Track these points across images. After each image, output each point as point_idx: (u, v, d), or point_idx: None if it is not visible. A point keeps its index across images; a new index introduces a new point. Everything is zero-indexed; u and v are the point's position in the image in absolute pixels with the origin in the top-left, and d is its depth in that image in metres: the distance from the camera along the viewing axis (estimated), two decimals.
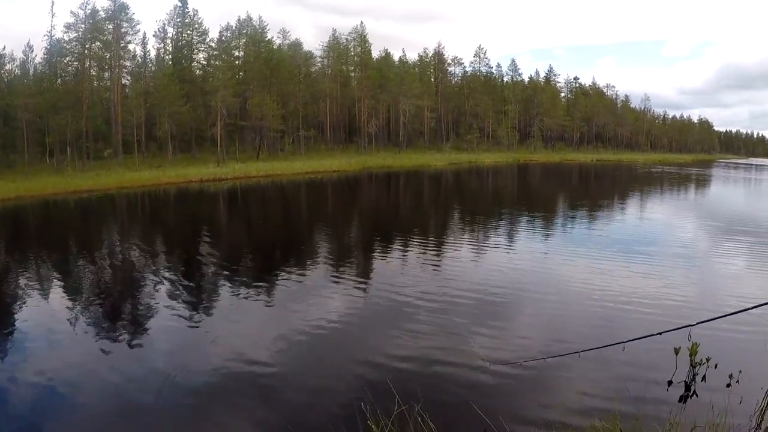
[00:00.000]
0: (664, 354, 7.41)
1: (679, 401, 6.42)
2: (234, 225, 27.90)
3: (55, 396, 7.86)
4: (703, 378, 6.55)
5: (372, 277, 15.32)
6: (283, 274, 15.47)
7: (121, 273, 16.44)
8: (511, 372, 8.39)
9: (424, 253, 18.35)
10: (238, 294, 13.29)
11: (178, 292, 13.56)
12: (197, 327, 10.80)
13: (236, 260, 18.13)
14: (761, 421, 6.18)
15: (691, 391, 6.57)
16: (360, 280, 14.68)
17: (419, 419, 5.36)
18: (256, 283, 14.28)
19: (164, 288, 14.06)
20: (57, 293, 13.81)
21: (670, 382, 6.72)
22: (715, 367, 6.65)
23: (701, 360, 6.61)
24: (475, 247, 19.83)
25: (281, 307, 12.28)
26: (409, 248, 19.26)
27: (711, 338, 8.69)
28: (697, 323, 4.23)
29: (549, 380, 8.49)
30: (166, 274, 15.76)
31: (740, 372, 6.90)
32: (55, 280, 15.49)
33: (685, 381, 6.80)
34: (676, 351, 7.24)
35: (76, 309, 12.22)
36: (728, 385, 6.75)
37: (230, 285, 14.29)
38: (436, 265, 16.58)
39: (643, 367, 8.42)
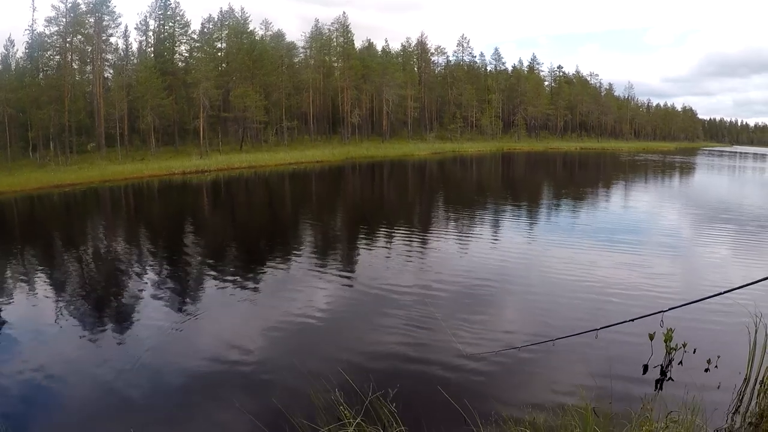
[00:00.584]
0: (640, 341, 7.84)
1: (655, 385, 6.95)
2: (216, 217, 28.07)
3: (41, 390, 7.97)
4: (680, 362, 7.05)
5: (355, 268, 15.39)
6: (267, 266, 15.61)
7: (106, 267, 16.50)
8: (486, 361, 8.50)
9: (406, 243, 18.49)
10: (223, 287, 13.39)
11: (162, 285, 13.73)
12: (182, 320, 10.94)
13: (220, 253, 18.26)
14: (739, 405, 6.69)
15: (667, 376, 7.07)
16: (343, 271, 14.82)
17: (393, 404, 5.45)
18: (240, 276, 14.38)
19: (149, 281, 14.19)
20: (41, 288, 13.83)
21: (645, 367, 7.22)
22: (693, 352, 7.17)
23: (676, 345, 7.12)
24: (457, 237, 20.00)
25: (265, 299, 12.41)
26: (391, 239, 19.35)
27: (690, 324, 9.07)
28: (670, 309, 4.28)
29: (523, 368, 8.63)
30: (151, 267, 15.96)
31: (718, 357, 7.41)
32: (39, 274, 15.46)
33: (660, 365, 7.30)
34: (651, 336, 7.80)
35: (61, 303, 12.32)
36: (706, 370, 7.22)
37: (214, 278, 14.41)
38: (418, 256, 16.72)
39: (618, 354, 8.58)
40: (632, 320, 4.99)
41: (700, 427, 5.52)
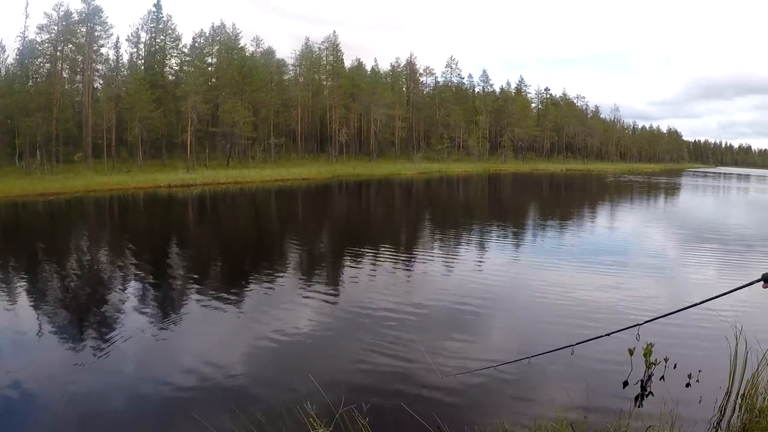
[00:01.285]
0: (619, 357, 7.84)
1: (635, 401, 6.98)
2: (199, 231, 27.95)
3: (18, 403, 7.81)
4: (662, 377, 7.08)
5: (338, 287, 15.13)
6: (250, 283, 15.41)
7: (85, 277, 16.31)
8: (461, 380, 8.36)
9: (389, 262, 18.34)
10: (203, 302, 13.20)
11: (142, 298, 13.57)
12: (163, 335, 10.81)
13: (203, 267, 18.09)
14: (721, 419, 6.72)
15: (647, 391, 7.10)
16: (326, 290, 14.62)
17: (366, 419, 5.38)
18: (223, 292, 14.11)
19: (129, 293, 14.04)
20: (20, 298, 13.60)
21: (625, 383, 7.25)
22: (674, 367, 7.21)
23: (656, 360, 7.12)
24: (440, 257, 19.72)
25: (248, 316, 12.21)
26: (375, 258, 19.17)
27: (671, 340, 9.13)
28: (645, 322, 4.25)
29: (498, 386, 8.55)
30: (131, 280, 15.78)
31: (699, 371, 7.45)
32: (18, 284, 15.22)
33: (640, 381, 7.31)
34: (631, 352, 7.80)
35: (41, 314, 12.09)
36: (687, 385, 7.26)
37: (195, 292, 14.26)
38: (400, 276, 16.55)
39: (597, 370, 8.59)
40: (608, 335, 4.93)
41: None
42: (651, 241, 24.35)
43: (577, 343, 5.05)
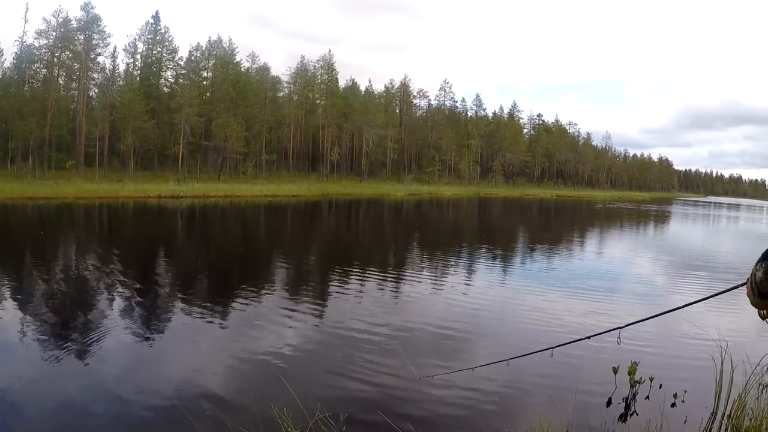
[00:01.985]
0: (600, 368, 7.93)
1: (619, 419, 6.95)
2: (187, 243, 27.76)
3: None
4: (647, 397, 7.07)
5: (321, 303, 14.87)
6: (236, 297, 14.99)
7: (70, 285, 16.07)
8: (438, 384, 8.31)
9: (374, 280, 18.14)
10: (187, 314, 12.94)
11: (126, 308, 13.27)
12: (147, 346, 10.66)
13: (189, 279, 17.83)
14: None
15: (631, 410, 7.08)
16: (308, 305, 14.29)
17: (343, 427, 5.59)
18: (208, 306, 13.80)
19: (112, 303, 13.79)
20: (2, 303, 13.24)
21: (609, 401, 7.24)
22: (660, 387, 7.22)
23: (641, 378, 7.11)
24: (426, 277, 19.52)
25: (233, 330, 11.97)
26: (362, 275, 18.89)
27: (658, 360, 9.30)
28: (627, 325, 3.96)
29: (474, 391, 8.43)
30: (116, 289, 15.37)
31: (685, 392, 7.44)
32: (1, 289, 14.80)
33: (624, 399, 7.28)
34: (615, 370, 7.75)
35: (24, 320, 11.84)
36: (673, 405, 7.26)
37: (179, 303, 14.03)
38: (386, 294, 16.44)
39: (574, 378, 8.44)
40: (589, 337, 4.90)
41: None
42: (640, 269, 24.19)
43: (557, 346, 4.91)
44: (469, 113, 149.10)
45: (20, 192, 43.28)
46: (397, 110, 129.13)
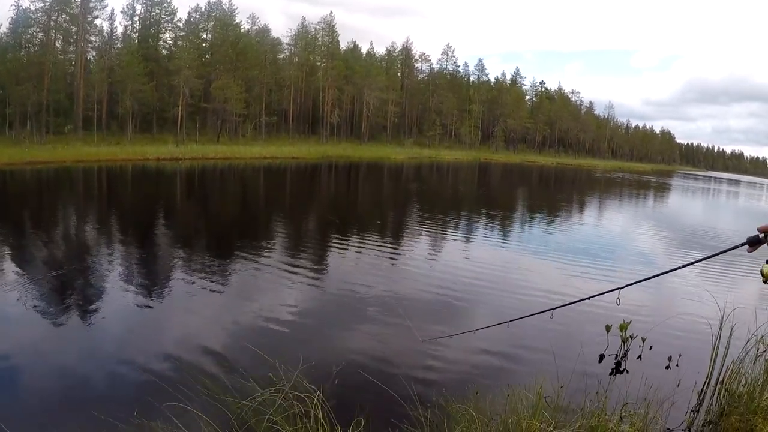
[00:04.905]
0: (596, 329, 7.87)
1: (611, 373, 6.91)
2: (185, 204, 27.61)
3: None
4: (639, 357, 7.01)
5: (324, 268, 14.85)
6: (237, 260, 15.02)
7: (71, 250, 15.95)
8: (439, 346, 8.41)
9: (378, 244, 18.18)
10: (192, 278, 12.82)
11: (129, 272, 13.18)
12: (149, 310, 10.65)
13: (190, 242, 17.66)
14: (699, 404, 6.66)
15: (622, 367, 7.04)
16: (313, 271, 14.27)
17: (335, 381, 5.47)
18: (209, 269, 13.79)
19: (117, 266, 13.68)
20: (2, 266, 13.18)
21: (601, 357, 7.20)
22: (650, 348, 7.14)
23: (633, 334, 7.04)
24: (429, 241, 19.49)
25: (232, 296, 11.95)
26: (363, 239, 18.94)
27: (657, 329, 9.21)
28: (626, 285, 4.05)
29: (474, 352, 8.58)
30: (119, 252, 15.41)
31: (680, 356, 7.40)
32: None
33: (616, 355, 7.23)
34: (608, 328, 7.76)
35: (25, 285, 11.62)
36: (667, 367, 7.21)
37: (180, 267, 13.99)
38: (386, 255, 16.47)
39: (574, 342, 8.30)
40: (588, 298, 4.83)
41: (655, 422, 5.50)
42: (640, 241, 23.73)
43: (556, 307, 4.85)
44: (471, 78, 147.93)
45: (18, 157, 42.94)
46: (398, 74, 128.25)
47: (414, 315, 9.98)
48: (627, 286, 3.99)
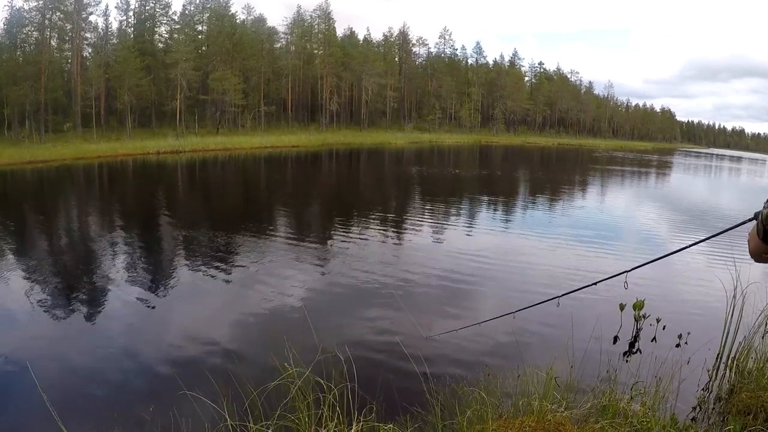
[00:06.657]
0: (607, 309, 7.71)
1: (622, 356, 6.91)
2: (187, 196, 27.70)
3: (7, 372, 7.66)
4: (654, 339, 7.02)
5: (327, 258, 14.75)
6: (240, 250, 15.13)
7: (77, 245, 16.14)
8: (447, 338, 8.32)
9: (380, 231, 18.22)
10: (197, 269, 12.95)
11: (132, 265, 13.31)
12: (154, 304, 10.66)
13: (193, 234, 17.63)
14: (710, 381, 6.64)
15: (635, 348, 7.04)
16: (316, 261, 14.32)
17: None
18: (214, 260, 13.83)
19: (118, 260, 13.75)
20: (9, 264, 13.34)
21: (615, 338, 7.20)
22: (663, 328, 7.14)
23: (646, 314, 7.05)
24: (432, 227, 19.52)
25: (238, 286, 11.99)
26: (365, 227, 19.00)
27: (668, 304, 9.26)
28: (633, 269, 4.01)
29: (483, 343, 8.62)
30: (120, 246, 15.47)
31: (689, 333, 7.40)
32: (6, 250, 14.87)
33: (630, 336, 7.24)
34: (621, 307, 7.73)
35: (31, 282, 11.72)
36: (677, 346, 7.22)
37: (185, 258, 14.11)
38: (389, 243, 16.57)
39: (584, 324, 8.15)
40: (595, 284, 4.75)
41: (665, 400, 5.50)
42: (643, 221, 23.58)
43: (563, 294, 4.88)
44: (470, 61, 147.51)
45: (18, 157, 42.88)
46: (396, 58, 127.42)
47: (420, 306, 10.06)
48: (634, 269, 3.96)
